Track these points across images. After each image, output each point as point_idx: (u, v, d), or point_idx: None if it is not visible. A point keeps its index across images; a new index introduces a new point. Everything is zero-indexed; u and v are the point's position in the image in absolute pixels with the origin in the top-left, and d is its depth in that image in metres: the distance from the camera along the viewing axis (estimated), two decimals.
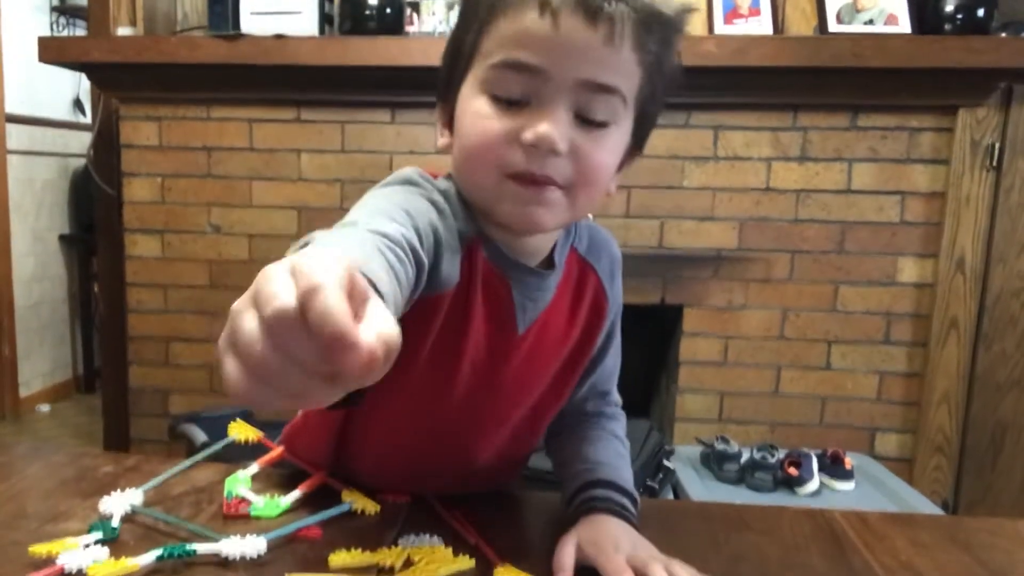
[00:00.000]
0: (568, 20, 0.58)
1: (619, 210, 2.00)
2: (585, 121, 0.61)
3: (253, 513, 0.71)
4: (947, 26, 1.87)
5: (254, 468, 0.78)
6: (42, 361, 3.48)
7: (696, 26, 2.04)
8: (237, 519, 0.71)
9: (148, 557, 0.61)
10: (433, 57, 0.74)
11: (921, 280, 1.98)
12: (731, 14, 1.97)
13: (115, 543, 0.65)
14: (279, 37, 1.93)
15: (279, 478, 0.79)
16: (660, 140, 1.98)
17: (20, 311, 3.30)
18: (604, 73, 0.60)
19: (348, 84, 2.00)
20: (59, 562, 0.59)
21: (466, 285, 0.67)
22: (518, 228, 0.66)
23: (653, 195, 2.00)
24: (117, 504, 0.69)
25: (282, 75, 1.99)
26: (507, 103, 0.61)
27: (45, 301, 3.49)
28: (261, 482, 0.78)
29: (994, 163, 1.91)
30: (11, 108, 3.22)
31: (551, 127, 0.59)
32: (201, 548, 0.62)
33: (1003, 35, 1.91)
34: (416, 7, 2.05)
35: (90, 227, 2.79)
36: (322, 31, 2.04)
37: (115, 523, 0.67)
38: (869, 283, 1.99)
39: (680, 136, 1.97)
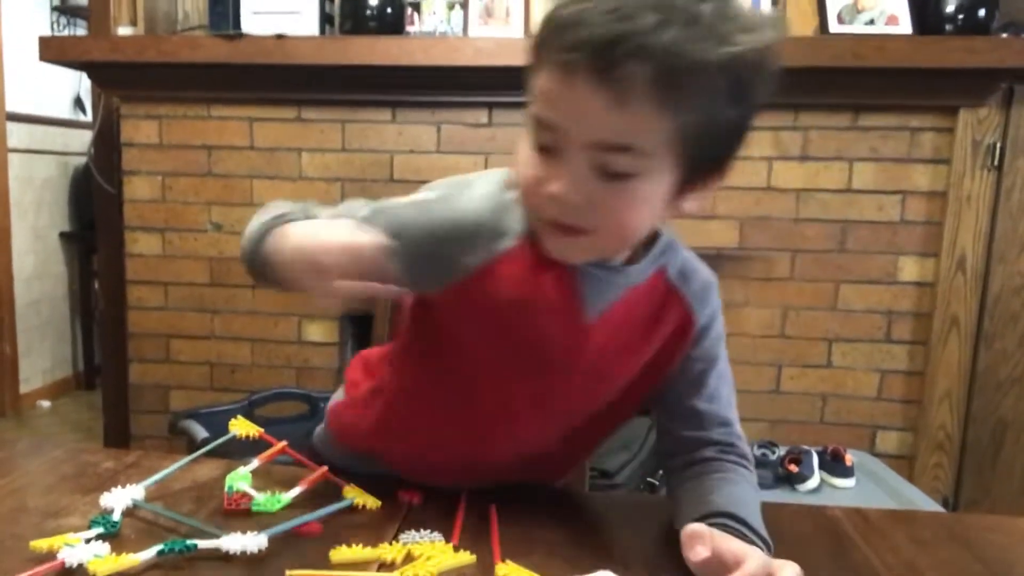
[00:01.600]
0: (582, 83, 0.58)
1: None
2: (606, 174, 0.61)
3: (254, 508, 0.71)
4: (948, 26, 1.87)
5: (255, 464, 0.78)
6: (42, 358, 3.49)
7: None
8: (238, 514, 0.71)
9: (149, 552, 0.61)
10: (434, 57, 0.74)
11: (922, 279, 1.98)
12: None
13: (116, 538, 0.65)
14: (280, 37, 1.93)
15: (280, 473, 0.79)
16: None
17: (21, 308, 3.31)
18: (616, 134, 0.60)
19: (349, 83, 2.00)
20: (60, 557, 0.59)
21: (530, 270, 0.70)
22: (555, 258, 0.69)
23: None
24: (118, 499, 0.69)
25: (283, 74, 1.99)
26: (541, 149, 0.63)
27: (45, 298, 3.49)
28: (262, 478, 0.78)
29: (995, 163, 1.91)
30: (12, 107, 3.22)
31: (566, 184, 0.62)
32: (202, 543, 0.62)
33: (1004, 35, 1.91)
34: (417, 7, 2.05)
35: (90, 225, 2.79)
36: (323, 31, 2.04)
37: (116, 518, 0.67)
38: (870, 282, 1.99)
39: None
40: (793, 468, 1.73)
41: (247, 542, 0.62)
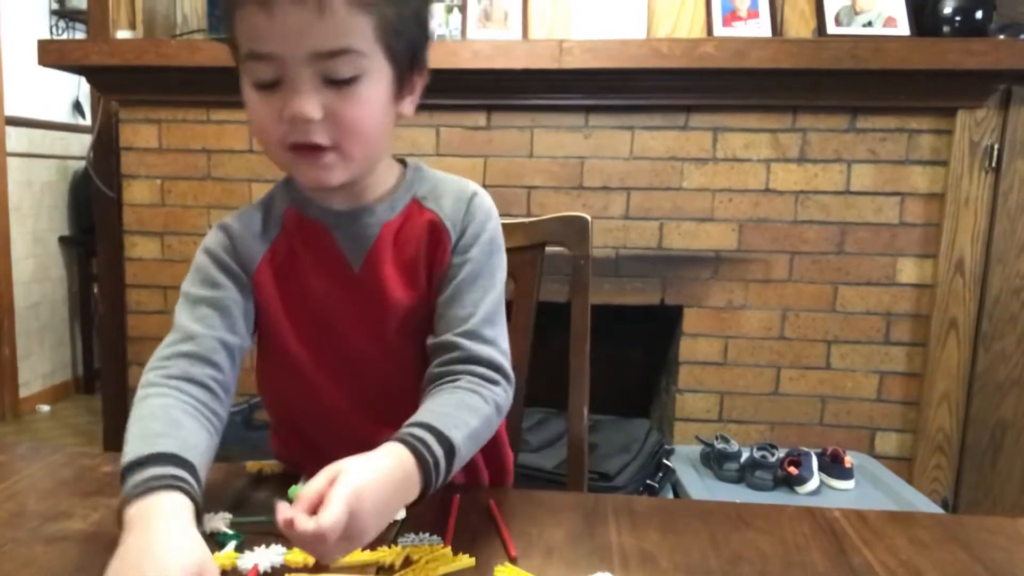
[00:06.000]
0: (280, 5, 0.64)
1: (619, 211, 2.00)
2: (334, 83, 0.67)
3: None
4: (945, 28, 1.88)
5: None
6: (42, 362, 3.48)
7: (695, 28, 2.05)
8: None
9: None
10: (432, 60, 0.75)
11: (920, 281, 1.98)
12: (730, 16, 1.98)
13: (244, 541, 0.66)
14: None
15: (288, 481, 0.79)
16: (659, 141, 1.98)
17: (20, 312, 3.30)
18: (327, 41, 0.66)
19: None
20: (242, 564, 0.62)
21: (288, 245, 0.78)
22: (310, 188, 0.76)
23: (652, 196, 2.00)
24: (219, 520, 0.70)
25: None
26: (266, 86, 0.69)
27: (45, 302, 3.49)
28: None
29: (993, 164, 1.91)
30: (11, 110, 3.22)
31: (300, 102, 0.67)
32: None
33: (1001, 37, 1.91)
34: None
35: (90, 229, 2.79)
36: None
37: (228, 530, 0.68)
38: (869, 284, 1.99)
39: (679, 138, 1.98)
40: (792, 470, 1.73)
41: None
